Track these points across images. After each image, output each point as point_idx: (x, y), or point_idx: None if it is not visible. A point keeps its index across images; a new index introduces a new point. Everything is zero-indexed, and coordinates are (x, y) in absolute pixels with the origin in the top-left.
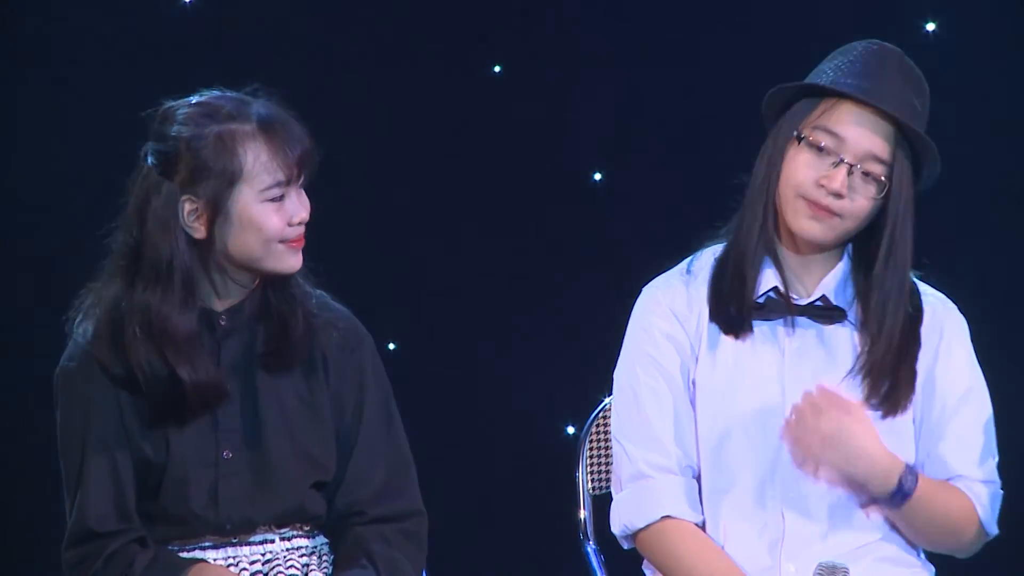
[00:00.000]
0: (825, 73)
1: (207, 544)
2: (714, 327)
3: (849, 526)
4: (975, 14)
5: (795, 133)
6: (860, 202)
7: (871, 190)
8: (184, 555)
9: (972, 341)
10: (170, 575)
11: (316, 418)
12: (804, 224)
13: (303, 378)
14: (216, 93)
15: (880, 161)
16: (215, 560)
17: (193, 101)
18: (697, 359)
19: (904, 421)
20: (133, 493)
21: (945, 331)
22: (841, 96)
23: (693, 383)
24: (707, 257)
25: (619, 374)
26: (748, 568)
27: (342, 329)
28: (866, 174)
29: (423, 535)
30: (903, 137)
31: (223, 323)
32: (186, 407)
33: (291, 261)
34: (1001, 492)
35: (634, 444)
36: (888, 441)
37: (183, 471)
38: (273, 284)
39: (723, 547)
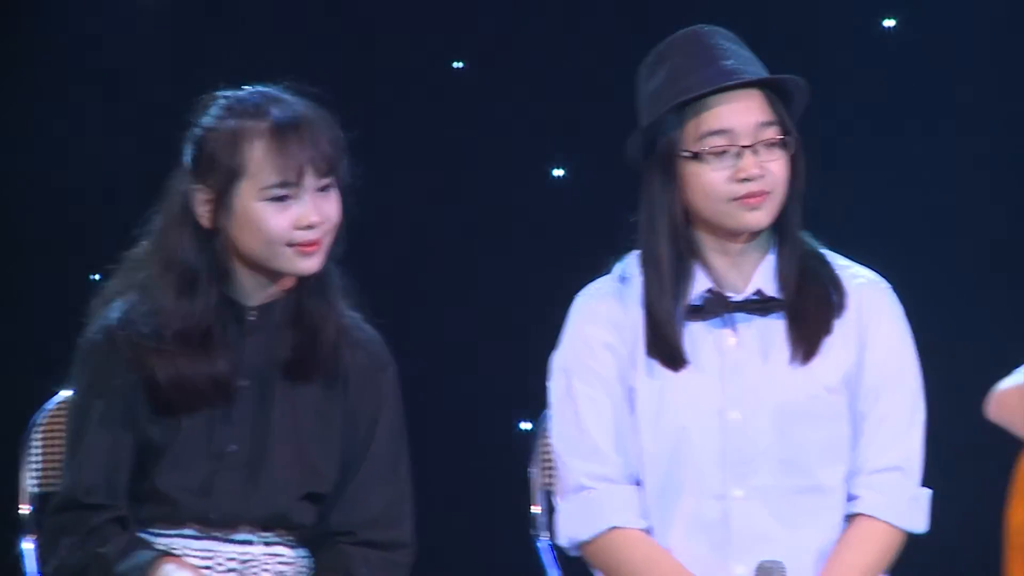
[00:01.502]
0: (666, 91)
1: (189, 532)
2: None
3: (799, 526)
4: (933, 10)
5: (685, 154)
6: (776, 167)
7: (777, 152)
8: (165, 538)
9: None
10: (139, 562)
11: (326, 429)
12: (748, 219)
13: (322, 389)
14: (256, 89)
15: (768, 124)
16: (195, 551)
17: (228, 94)
18: (636, 365)
19: (839, 400)
20: (127, 473)
21: (874, 314)
22: (700, 97)
23: (632, 390)
24: (635, 262)
25: (556, 386)
26: (697, 571)
27: (370, 352)
28: (766, 144)
29: (406, 569)
30: (764, 86)
31: (252, 319)
32: (192, 397)
33: (300, 264)
34: (920, 473)
35: (573, 456)
36: (826, 423)
37: (185, 455)
38: (308, 292)
39: (671, 552)
